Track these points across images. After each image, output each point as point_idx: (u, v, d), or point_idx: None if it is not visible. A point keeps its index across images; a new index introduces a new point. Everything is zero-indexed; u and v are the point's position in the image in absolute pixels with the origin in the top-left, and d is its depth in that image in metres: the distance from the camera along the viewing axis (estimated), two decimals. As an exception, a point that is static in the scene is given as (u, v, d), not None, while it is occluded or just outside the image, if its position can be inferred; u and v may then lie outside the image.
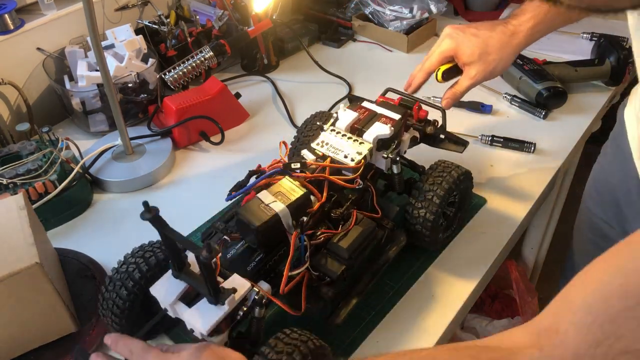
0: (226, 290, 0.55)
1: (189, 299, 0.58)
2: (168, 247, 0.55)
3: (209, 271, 0.52)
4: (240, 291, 0.56)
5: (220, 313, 0.55)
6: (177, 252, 0.56)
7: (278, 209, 0.62)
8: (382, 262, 0.74)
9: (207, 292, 0.55)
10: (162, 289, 0.58)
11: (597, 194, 0.97)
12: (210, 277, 0.53)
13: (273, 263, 0.65)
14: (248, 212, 0.62)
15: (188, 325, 0.57)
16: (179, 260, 0.57)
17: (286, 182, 0.66)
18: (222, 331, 0.57)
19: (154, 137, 1.04)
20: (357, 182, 0.70)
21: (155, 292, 0.58)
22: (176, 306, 0.58)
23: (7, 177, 0.86)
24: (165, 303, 0.58)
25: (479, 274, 0.79)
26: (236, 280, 0.58)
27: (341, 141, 0.73)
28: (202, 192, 0.96)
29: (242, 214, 0.62)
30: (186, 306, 0.57)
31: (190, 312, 0.56)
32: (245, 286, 0.57)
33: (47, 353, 0.69)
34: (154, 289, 0.59)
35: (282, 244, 0.65)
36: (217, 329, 0.56)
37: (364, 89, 1.21)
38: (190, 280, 0.57)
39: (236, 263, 0.62)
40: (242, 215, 0.62)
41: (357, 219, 0.67)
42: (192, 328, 0.57)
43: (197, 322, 0.55)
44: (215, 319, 0.55)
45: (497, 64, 0.83)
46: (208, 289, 0.54)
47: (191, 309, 0.56)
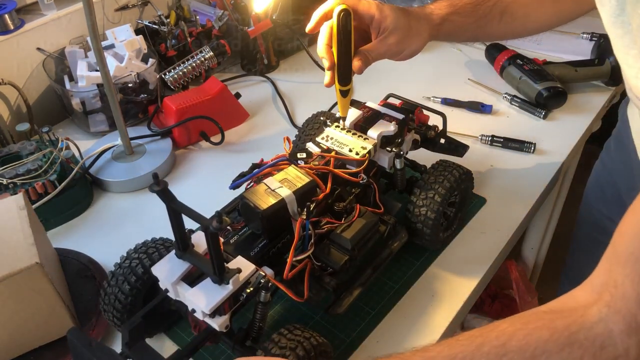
0: (231, 270, 0.54)
1: (192, 279, 0.57)
2: (174, 225, 0.54)
3: (215, 244, 0.51)
4: (245, 272, 0.56)
5: (224, 292, 0.54)
6: (183, 230, 0.55)
7: (284, 195, 0.61)
8: (385, 256, 0.74)
9: (211, 270, 0.54)
10: (164, 269, 0.57)
11: (600, 191, 0.97)
12: (216, 252, 0.52)
13: (276, 250, 0.64)
14: (254, 196, 0.61)
15: (190, 305, 0.56)
16: (183, 239, 0.56)
17: (292, 169, 0.66)
18: (224, 312, 0.56)
19: (154, 137, 1.04)
20: (361, 176, 0.70)
21: (157, 271, 0.57)
22: (178, 286, 0.56)
23: (7, 177, 0.86)
24: (167, 283, 0.57)
25: (479, 274, 0.79)
26: (240, 262, 0.57)
27: (346, 137, 0.74)
28: (202, 192, 0.96)
29: (248, 198, 0.61)
30: (188, 286, 0.56)
31: (192, 291, 0.55)
32: (249, 268, 0.56)
33: (47, 353, 0.69)
34: (155, 269, 0.58)
35: (285, 232, 0.64)
36: (220, 310, 0.55)
37: (363, 89, 1.21)
38: (194, 259, 0.56)
39: (239, 249, 0.61)
40: (248, 199, 0.61)
41: (361, 211, 0.67)
42: (193, 308, 0.56)
43: (200, 300, 0.54)
44: (219, 297, 0.54)
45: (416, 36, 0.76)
46: (213, 264, 0.53)
47: (193, 289, 0.55)
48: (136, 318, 0.59)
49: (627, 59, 0.58)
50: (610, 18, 0.58)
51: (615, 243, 0.48)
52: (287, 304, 0.75)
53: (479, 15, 0.81)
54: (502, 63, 1.16)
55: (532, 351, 0.46)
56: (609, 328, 0.45)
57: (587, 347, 0.45)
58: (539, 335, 0.46)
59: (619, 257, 0.46)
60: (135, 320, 0.59)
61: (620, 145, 0.89)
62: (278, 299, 0.75)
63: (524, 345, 0.46)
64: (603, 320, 0.45)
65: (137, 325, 0.59)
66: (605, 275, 0.47)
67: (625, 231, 0.47)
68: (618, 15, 0.57)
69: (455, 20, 0.80)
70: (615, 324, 0.45)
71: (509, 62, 1.15)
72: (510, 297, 1.41)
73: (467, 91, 1.17)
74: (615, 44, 0.60)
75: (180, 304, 0.59)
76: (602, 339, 0.45)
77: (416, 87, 1.19)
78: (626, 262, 0.45)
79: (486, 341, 0.48)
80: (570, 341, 0.45)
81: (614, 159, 0.93)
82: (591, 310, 0.46)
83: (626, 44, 0.57)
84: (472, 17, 0.81)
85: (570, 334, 0.46)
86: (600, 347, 0.45)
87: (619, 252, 0.47)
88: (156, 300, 0.61)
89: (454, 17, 0.80)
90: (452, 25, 0.80)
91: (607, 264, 0.48)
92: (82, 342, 0.55)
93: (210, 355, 0.69)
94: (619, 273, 0.45)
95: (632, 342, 0.44)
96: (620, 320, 0.44)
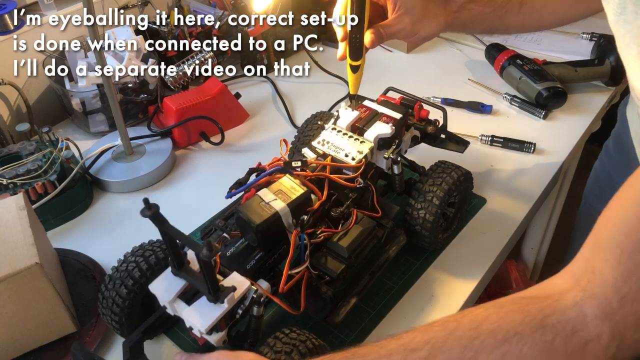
0: (225, 289, 0.55)
1: (188, 296, 0.57)
2: (168, 245, 0.55)
3: (208, 269, 0.52)
4: (240, 289, 0.56)
5: (220, 311, 0.55)
6: (177, 250, 0.56)
7: (278, 208, 0.62)
8: (382, 262, 0.74)
9: (206, 290, 0.55)
10: (162, 286, 0.58)
11: (599, 190, 0.97)
12: (210, 276, 0.53)
13: (272, 262, 0.64)
14: (248, 210, 0.61)
15: (187, 323, 0.57)
16: (178, 258, 0.56)
17: (287, 180, 0.66)
18: (221, 329, 0.56)
19: (154, 137, 1.04)
20: (357, 181, 0.70)
21: (155, 289, 0.58)
22: (175, 304, 0.57)
23: (7, 178, 0.86)
24: (165, 300, 0.58)
25: (478, 274, 0.79)
26: (235, 278, 0.57)
27: (342, 140, 0.73)
28: (202, 192, 0.96)
29: (242, 212, 0.61)
30: (185, 304, 0.57)
31: (189, 310, 0.56)
32: (244, 284, 0.57)
33: (47, 353, 0.69)
34: (153, 286, 0.58)
35: (281, 243, 0.64)
36: (216, 327, 0.56)
37: (363, 89, 1.20)
38: (189, 278, 0.57)
39: (235, 261, 0.62)
40: (242, 213, 0.61)
41: (357, 218, 0.67)
42: (191, 326, 0.57)
43: (196, 320, 0.55)
44: (215, 316, 0.55)
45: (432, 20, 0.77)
46: (208, 287, 0.54)
47: (190, 307, 0.56)
48: (136, 334, 0.60)
49: (627, 58, 0.58)
50: (613, 16, 0.58)
51: (597, 230, 0.47)
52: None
53: (497, 5, 0.80)
54: (502, 63, 1.16)
55: (504, 334, 0.46)
56: (583, 312, 0.44)
57: (559, 331, 0.45)
58: (512, 318, 0.46)
59: (599, 243, 0.46)
60: (135, 336, 0.60)
61: (620, 145, 0.89)
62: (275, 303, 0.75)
63: (497, 327, 0.46)
64: (578, 304, 0.45)
65: (137, 341, 0.60)
66: (585, 262, 0.47)
67: (608, 218, 0.46)
68: (620, 14, 0.56)
69: (473, 8, 0.79)
70: (589, 309, 0.44)
71: (509, 62, 1.15)
72: (510, 297, 1.41)
73: (467, 91, 1.17)
74: (618, 43, 0.60)
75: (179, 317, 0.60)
76: (574, 323, 0.44)
77: (416, 87, 1.18)
78: (605, 247, 0.45)
79: (459, 326, 0.48)
80: (543, 324, 0.45)
81: (613, 159, 0.93)
82: (567, 295, 0.46)
83: (627, 43, 0.57)
84: (491, 7, 0.80)
85: (544, 317, 0.45)
86: (572, 332, 0.44)
87: (599, 239, 0.46)
88: (156, 314, 0.62)
89: (472, 5, 0.79)
90: (469, 13, 0.79)
91: (587, 252, 0.48)
92: (85, 356, 0.56)
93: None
94: (599, 259, 0.45)
95: (605, 328, 0.44)
96: (595, 305, 0.44)
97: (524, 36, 1.34)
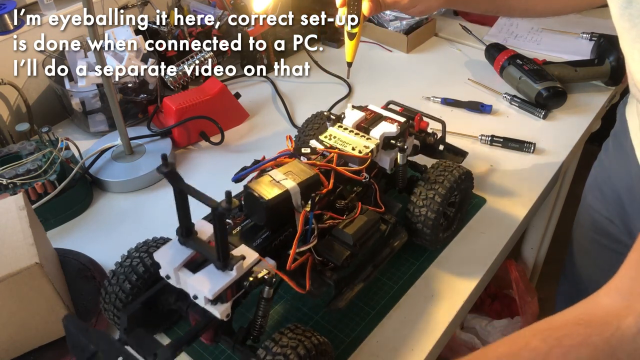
0: (235, 256, 0.54)
1: (194, 266, 0.56)
2: (180, 208, 0.53)
3: (222, 227, 0.50)
4: (249, 260, 0.55)
5: (228, 278, 0.54)
6: (188, 214, 0.54)
7: (289, 186, 0.61)
8: (386, 255, 0.74)
9: (216, 255, 0.53)
10: (167, 255, 0.56)
11: (599, 191, 0.97)
12: (222, 237, 0.51)
13: (278, 243, 0.64)
14: (259, 186, 0.61)
15: (192, 292, 0.55)
16: (187, 224, 0.55)
17: (297, 163, 0.66)
18: (226, 299, 0.55)
19: (153, 137, 1.04)
20: (363, 174, 0.70)
21: (159, 257, 0.57)
22: (180, 272, 0.55)
23: (6, 177, 0.86)
24: (169, 269, 0.56)
25: (478, 274, 0.79)
26: (244, 250, 0.56)
27: (349, 136, 0.74)
28: (202, 192, 0.96)
29: (253, 188, 0.61)
30: (191, 272, 0.55)
31: (195, 277, 0.54)
32: (253, 256, 0.56)
33: (47, 353, 0.69)
34: (157, 255, 0.57)
35: (288, 225, 0.64)
36: (222, 297, 0.54)
37: (363, 89, 1.21)
38: (197, 246, 0.55)
39: (242, 239, 0.61)
40: (252, 189, 0.61)
41: (362, 209, 0.68)
42: (195, 294, 0.55)
43: (203, 286, 0.53)
44: (223, 283, 0.53)
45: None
46: (218, 249, 0.52)
47: (196, 275, 0.55)
48: (136, 304, 0.59)
49: (633, 52, 0.57)
50: (618, 10, 0.57)
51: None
52: (287, 304, 0.75)
53: None
54: (502, 63, 1.16)
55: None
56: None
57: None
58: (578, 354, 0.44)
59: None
60: (135, 306, 0.58)
61: (619, 145, 0.89)
62: (278, 299, 0.75)
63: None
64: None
65: (135, 312, 0.58)
66: (631, 281, 0.45)
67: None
68: (625, 8, 0.56)
69: None
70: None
71: (509, 62, 1.15)
72: (510, 297, 1.41)
73: (467, 91, 1.17)
74: (622, 37, 0.59)
75: (181, 303, 0.59)
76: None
77: (416, 87, 1.19)
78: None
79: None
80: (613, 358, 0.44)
81: (612, 159, 0.93)
82: (626, 321, 0.44)
83: (632, 37, 0.56)
84: None
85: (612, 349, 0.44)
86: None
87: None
88: (157, 287, 0.60)
89: None
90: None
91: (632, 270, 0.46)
92: (78, 329, 0.54)
93: (210, 355, 0.69)
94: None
95: None
96: None
97: (524, 36, 1.34)
